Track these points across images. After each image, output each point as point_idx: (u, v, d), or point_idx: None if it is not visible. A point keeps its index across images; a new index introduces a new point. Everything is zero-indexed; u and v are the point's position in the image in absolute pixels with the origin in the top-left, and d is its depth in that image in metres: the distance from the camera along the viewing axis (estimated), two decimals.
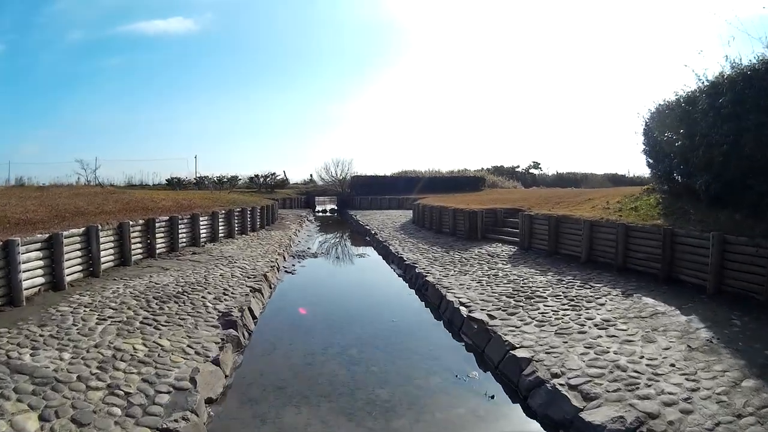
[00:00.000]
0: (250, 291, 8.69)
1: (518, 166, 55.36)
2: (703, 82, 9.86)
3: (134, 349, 5.57)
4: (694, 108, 9.71)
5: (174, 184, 39.64)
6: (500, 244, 13.92)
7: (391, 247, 15.15)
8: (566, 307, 7.32)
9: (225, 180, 39.99)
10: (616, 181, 45.65)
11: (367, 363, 6.06)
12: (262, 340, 7.00)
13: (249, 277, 9.87)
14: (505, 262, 11.27)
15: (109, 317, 6.65)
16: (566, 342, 5.89)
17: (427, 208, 19.59)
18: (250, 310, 7.70)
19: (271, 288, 10.20)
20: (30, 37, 76.55)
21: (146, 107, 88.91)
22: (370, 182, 42.03)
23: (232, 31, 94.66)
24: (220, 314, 7.05)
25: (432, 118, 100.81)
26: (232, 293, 8.39)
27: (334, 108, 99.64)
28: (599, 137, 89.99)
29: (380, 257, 15.56)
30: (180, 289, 8.35)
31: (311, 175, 51.87)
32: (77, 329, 6.15)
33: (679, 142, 10.19)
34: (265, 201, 23.82)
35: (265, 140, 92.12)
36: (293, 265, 13.55)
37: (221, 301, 7.80)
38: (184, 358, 5.41)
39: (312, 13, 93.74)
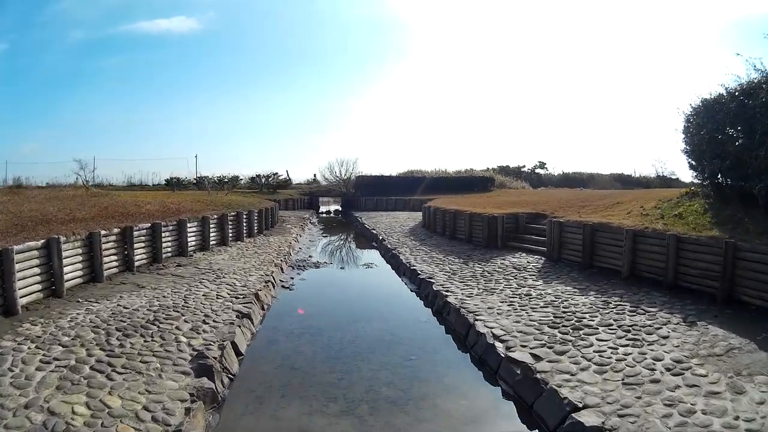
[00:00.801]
0: (237, 317, 7.26)
1: (524, 166, 53.60)
2: (761, 72, 8.66)
3: (73, 412, 4.22)
4: (754, 101, 8.50)
5: (173, 184, 38.45)
6: (524, 254, 12.44)
7: (401, 257, 13.65)
8: (624, 341, 6.04)
9: (225, 180, 38.59)
10: (623, 181, 44.91)
11: (384, 431, 4.59)
12: (247, 389, 5.52)
13: (237, 297, 8.43)
14: (535, 278, 9.82)
15: (54, 359, 5.31)
16: (640, 398, 4.64)
17: (440, 211, 18.00)
18: (234, 344, 6.24)
19: (263, 309, 8.74)
20: (30, 37, 75.66)
21: (146, 107, 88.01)
22: (375, 182, 40.55)
23: (234, 30, 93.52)
24: (194, 354, 5.61)
25: (436, 117, 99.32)
26: (213, 321, 6.96)
27: (336, 108, 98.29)
28: (603, 136, 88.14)
29: (389, 267, 14.11)
30: (151, 316, 6.93)
31: (315, 175, 50.19)
32: (11, 377, 4.90)
33: (739, 141, 8.86)
34: (265, 203, 22.46)
35: (266, 140, 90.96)
36: (291, 278, 12.11)
37: (199, 333, 6.37)
38: (136, 429, 4.01)
39: (314, 11, 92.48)
